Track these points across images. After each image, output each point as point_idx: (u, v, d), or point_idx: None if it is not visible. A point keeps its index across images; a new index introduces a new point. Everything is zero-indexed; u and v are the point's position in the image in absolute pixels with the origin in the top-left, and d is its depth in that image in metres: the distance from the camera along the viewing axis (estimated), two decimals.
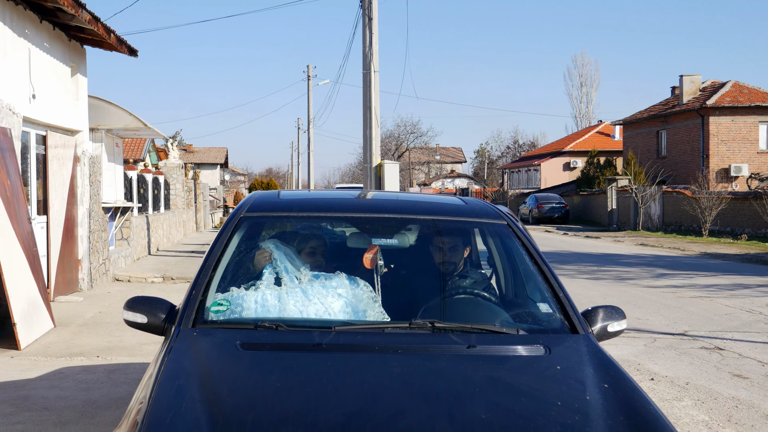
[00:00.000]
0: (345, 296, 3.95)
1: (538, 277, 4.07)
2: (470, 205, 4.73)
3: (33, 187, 12.11)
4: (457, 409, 2.85)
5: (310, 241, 4.47)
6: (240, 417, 2.76)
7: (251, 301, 3.86)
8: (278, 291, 3.94)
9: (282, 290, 3.95)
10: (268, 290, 3.95)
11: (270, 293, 3.92)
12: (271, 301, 3.86)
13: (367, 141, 18.23)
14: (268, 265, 4.09)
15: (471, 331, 3.62)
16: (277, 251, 4.16)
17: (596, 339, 3.72)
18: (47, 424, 6.11)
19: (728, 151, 40.15)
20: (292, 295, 3.91)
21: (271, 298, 3.89)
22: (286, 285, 3.99)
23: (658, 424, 2.87)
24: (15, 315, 8.93)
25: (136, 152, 37.45)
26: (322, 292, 3.96)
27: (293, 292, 3.94)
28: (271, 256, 4.14)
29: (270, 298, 3.89)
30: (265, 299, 3.87)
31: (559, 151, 62.50)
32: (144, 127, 16.72)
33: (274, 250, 4.17)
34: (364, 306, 3.96)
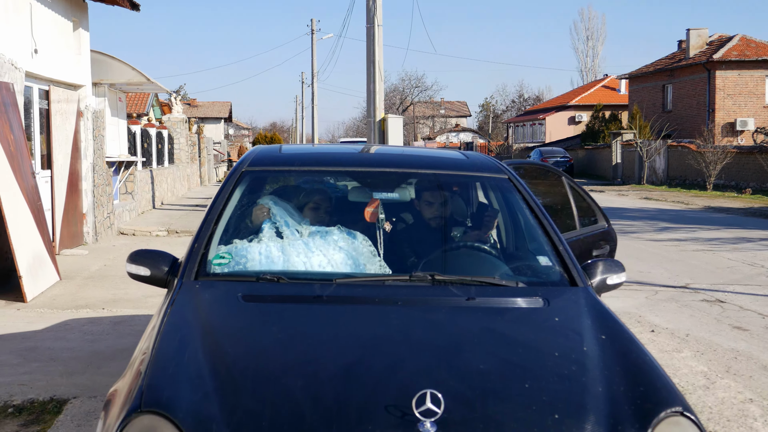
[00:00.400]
0: (345, 249, 3.98)
1: (538, 230, 4.09)
2: (471, 159, 4.74)
3: (37, 142, 12.12)
4: (456, 359, 2.89)
5: (312, 195, 4.49)
6: (242, 367, 2.81)
7: (253, 254, 3.89)
8: (279, 244, 3.97)
9: (283, 243, 3.98)
10: (270, 243, 3.98)
11: (271, 246, 3.95)
12: (272, 254, 3.90)
13: (371, 95, 18.16)
14: (267, 220, 4.12)
15: (470, 283, 3.65)
16: (275, 207, 4.19)
17: (595, 291, 3.75)
18: (54, 375, 6.20)
19: (734, 105, 39.92)
20: (293, 248, 3.94)
21: (272, 251, 3.92)
22: (287, 238, 4.03)
23: (654, 375, 2.91)
24: (21, 268, 9.00)
25: (139, 107, 37.35)
26: (323, 245, 3.99)
27: (294, 245, 3.97)
28: (269, 211, 4.16)
29: (271, 250, 3.92)
30: (267, 252, 3.91)
31: (564, 105, 62.17)
32: (147, 81, 16.67)
33: (273, 205, 4.20)
34: (365, 259, 3.99)
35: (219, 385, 2.69)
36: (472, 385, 2.70)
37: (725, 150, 31.32)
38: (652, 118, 40.91)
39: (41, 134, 12.32)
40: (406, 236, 4.46)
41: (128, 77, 16.20)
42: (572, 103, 61.38)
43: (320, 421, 2.50)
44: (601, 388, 2.77)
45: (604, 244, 6.40)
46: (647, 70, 46.69)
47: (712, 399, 5.83)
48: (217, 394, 2.64)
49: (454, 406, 2.56)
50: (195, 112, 64.64)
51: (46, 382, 6.00)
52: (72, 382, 6.01)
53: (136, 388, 2.70)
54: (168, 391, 2.66)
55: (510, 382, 2.76)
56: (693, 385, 6.17)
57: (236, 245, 3.93)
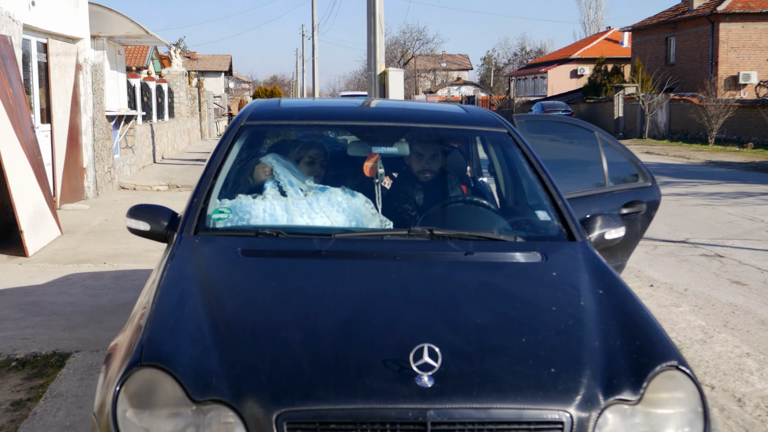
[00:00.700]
0: (347, 210, 3.98)
1: (537, 185, 4.09)
2: (471, 113, 4.72)
3: (36, 96, 12.07)
4: (453, 314, 2.91)
5: (310, 149, 4.48)
6: (241, 322, 2.83)
7: (252, 208, 3.90)
8: (279, 199, 3.97)
9: (286, 201, 3.98)
10: (269, 198, 3.98)
11: (271, 201, 3.96)
12: (272, 209, 3.90)
13: (371, 48, 18.01)
14: (270, 179, 4.12)
15: (469, 238, 3.66)
16: (278, 165, 4.18)
17: (593, 246, 3.76)
18: (56, 329, 6.24)
19: (737, 58, 39.62)
20: (293, 203, 3.95)
21: (271, 206, 3.92)
22: (288, 194, 4.02)
23: (650, 329, 2.93)
24: (22, 222, 9.02)
25: (139, 60, 37.08)
26: (326, 205, 3.99)
27: (294, 201, 3.97)
28: (272, 170, 4.16)
29: (271, 205, 3.92)
30: (266, 207, 3.91)
31: (567, 58, 61.72)
32: (146, 34, 16.56)
33: (275, 164, 4.19)
34: (363, 213, 3.99)
35: (218, 339, 2.71)
36: (470, 339, 2.72)
37: (727, 104, 31.16)
38: (655, 72, 40.64)
39: (40, 88, 12.26)
40: (404, 191, 4.46)
41: (127, 30, 16.08)
42: (574, 56, 60.92)
43: (319, 375, 2.52)
44: (598, 342, 2.78)
45: (638, 203, 6.06)
46: (650, 22, 46.26)
47: (709, 353, 5.87)
48: (216, 349, 2.66)
49: (452, 360, 2.58)
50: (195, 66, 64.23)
51: (49, 336, 6.05)
52: (74, 336, 6.06)
53: (136, 343, 2.72)
54: (168, 346, 2.68)
55: (507, 337, 2.78)
56: (690, 339, 6.22)
57: (235, 200, 3.93)
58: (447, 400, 2.45)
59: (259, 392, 2.48)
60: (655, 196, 6.19)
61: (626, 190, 6.17)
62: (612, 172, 6.18)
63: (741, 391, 5.13)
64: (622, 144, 6.41)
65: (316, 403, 2.44)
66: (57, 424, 4.43)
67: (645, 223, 6.12)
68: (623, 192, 6.14)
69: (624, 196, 6.09)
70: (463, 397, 2.47)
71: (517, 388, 2.52)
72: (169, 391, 2.54)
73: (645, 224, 6.14)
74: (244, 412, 2.46)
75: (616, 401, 2.58)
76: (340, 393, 2.46)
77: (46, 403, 4.72)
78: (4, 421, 4.50)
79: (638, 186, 6.24)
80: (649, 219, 6.13)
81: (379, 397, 2.45)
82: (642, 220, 6.07)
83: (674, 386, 2.70)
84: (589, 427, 2.51)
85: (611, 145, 6.33)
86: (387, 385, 2.49)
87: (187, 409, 2.51)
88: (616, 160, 6.31)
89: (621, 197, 6.07)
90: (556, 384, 2.56)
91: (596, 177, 6.12)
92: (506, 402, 2.49)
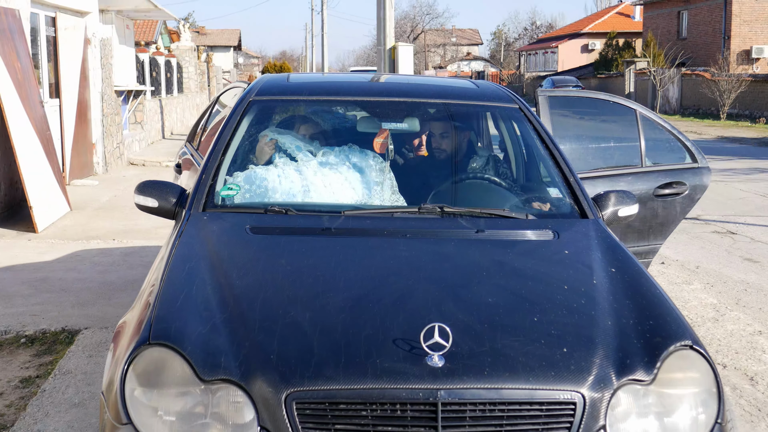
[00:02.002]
0: (355, 160, 3.98)
1: (548, 161, 4.04)
2: (482, 88, 4.67)
3: (44, 70, 12.02)
4: (464, 292, 2.87)
5: (319, 125, 4.44)
6: (250, 300, 2.79)
7: (261, 185, 3.86)
8: (290, 164, 3.94)
9: (293, 163, 3.95)
10: (280, 165, 3.95)
11: (282, 167, 3.93)
12: (280, 185, 3.87)
13: (381, 23, 17.87)
14: (275, 154, 4.09)
15: (480, 215, 3.62)
16: (280, 137, 4.16)
17: (606, 224, 3.72)
18: (65, 305, 6.24)
19: (750, 32, 39.20)
20: (304, 165, 3.92)
21: (285, 171, 3.89)
22: (301, 161, 4.00)
23: (663, 308, 2.89)
24: (31, 198, 9.01)
25: (148, 34, 36.97)
26: (332, 158, 3.98)
27: (305, 163, 3.95)
28: (275, 143, 4.13)
29: (284, 171, 3.89)
30: (280, 173, 3.88)
31: (578, 32, 61.26)
32: (154, 8, 16.46)
33: (278, 136, 4.16)
34: (374, 168, 3.98)
35: (227, 317, 2.68)
36: (481, 318, 2.68)
37: (740, 78, 30.87)
38: (667, 46, 40.27)
39: (49, 62, 12.21)
40: (415, 167, 4.42)
41: (135, 4, 15.97)
42: (585, 30, 60.46)
43: (328, 354, 2.49)
44: (611, 321, 2.75)
45: (678, 183, 5.67)
46: None
47: (721, 331, 5.83)
48: (225, 327, 2.64)
49: (462, 340, 2.55)
50: (204, 41, 63.99)
51: (58, 313, 6.05)
52: (83, 313, 6.05)
53: (144, 321, 2.70)
54: (176, 324, 2.65)
55: (519, 315, 2.74)
56: (702, 317, 6.17)
57: (244, 177, 3.90)
58: (458, 381, 2.42)
59: (268, 372, 2.45)
60: (701, 179, 5.77)
61: (666, 170, 5.76)
62: (652, 150, 5.79)
63: (753, 369, 5.09)
64: (670, 123, 5.97)
65: (325, 383, 2.42)
66: (66, 402, 4.43)
67: (687, 206, 5.73)
68: (661, 172, 5.73)
69: (661, 175, 5.70)
70: (474, 377, 2.44)
71: (529, 368, 2.49)
72: (178, 370, 2.52)
73: (686, 207, 5.74)
74: (253, 392, 2.44)
75: (629, 381, 2.55)
76: (350, 373, 2.44)
77: (55, 380, 4.72)
78: (14, 398, 4.50)
79: (682, 167, 5.82)
80: (692, 202, 5.74)
81: (389, 377, 2.42)
82: (683, 202, 5.69)
83: (688, 366, 2.66)
84: (601, 408, 2.48)
85: (656, 124, 5.90)
86: (397, 364, 2.46)
87: (195, 389, 2.49)
88: (659, 137, 5.91)
89: (657, 177, 5.69)
90: (568, 364, 2.53)
91: (631, 156, 5.78)
92: (518, 382, 2.45)
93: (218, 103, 6.53)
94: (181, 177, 6.12)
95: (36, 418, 4.22)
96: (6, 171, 9.71)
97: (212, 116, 6.39)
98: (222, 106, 6.40)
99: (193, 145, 6.33)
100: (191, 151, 6.18)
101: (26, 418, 4.22)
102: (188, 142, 6.62)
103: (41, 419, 4.21)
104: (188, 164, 6.02)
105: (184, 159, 6.25)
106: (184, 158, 6.27)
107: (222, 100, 6.47)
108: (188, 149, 6.36)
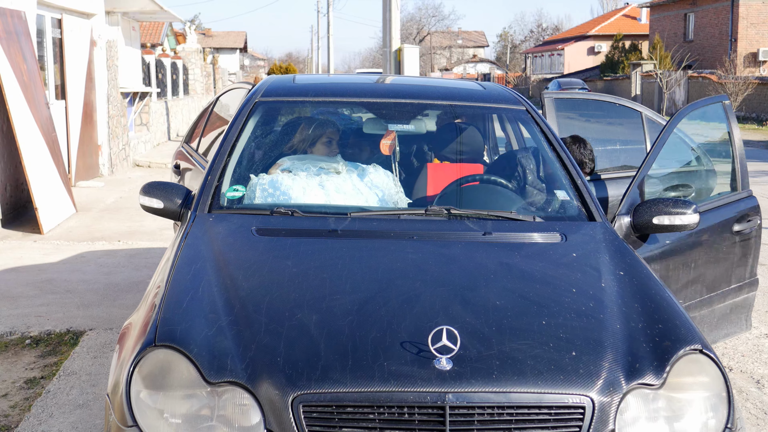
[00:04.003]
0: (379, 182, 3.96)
1: (556, 163, 4.02)
2: (489, 90, 4.64)
3: (50, 72, 12.03)
4: (472, 295, 2.85)
5: (326, 127, 4.42)
6: (256, 302, 2.78)
7: (267, 186, 3.85)
8: (296, 176, 3.92)
9: (300, 175, 3.93)
10: (285, 175, 3.93)
11: (287, 179, 3.91)
12: (287, 187, 3.84)
13: (387, 24, 17.87)
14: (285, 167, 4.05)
15: (487, 218, 3.60)
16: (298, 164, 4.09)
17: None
18: (70, 306, 6.23)
19: (757, 34, 39.12)
20: (309, 179, 3.89)
21: (287, 184, 3.87)
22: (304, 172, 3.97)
23: (673, 312, 2.87)
24: (36, 200, 9.01)
25: (154, 36, 36.99)
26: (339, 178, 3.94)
27: (311, 177, 3.92)
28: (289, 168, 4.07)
29: (286, 183, 3.87)
30: (282, 185, 3.86)
31: (584, 35, 61.23)
32: (160, 10, 16.47)
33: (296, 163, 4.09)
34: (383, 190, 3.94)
35: (233, 319, 2.66)
36: (488, 321, 2.66)
37: (746, 81, 30.82)
38: (673, 48, 40.20)
39: (55, 64, 12.22)
40: (421, 169, 4.40)
41: (141, 5, 15.99)
42: (592, 32, 60.43)
43: (335, 357, 2.47)
44: (620, 325, 2.73)
45: (684, 187, 5.28)
46: None
47: None
48: (231, 329, 2.62)
49: (470, 343, 2.53)
50: (210, 42, 64.06)
51: (63, 314, 6.04)
52: (88, 314, 6.05)
53: (150, 323, 2.68)
54: (182, 326, 2.63)
55: (526, 319, 2.72)
56: None
57: (251, 178, 3.88)
58: (466, 384, 2.40)
59: (274, 374, 2.43)
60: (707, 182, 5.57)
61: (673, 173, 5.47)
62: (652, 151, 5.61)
63: (759, 372, 5.06)
64: None
65: (332, 386, 2.40)
66: (70, 403, 4.42)
67: None
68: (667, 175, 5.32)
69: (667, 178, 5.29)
70: (482, 380, 2.42)
71: (538, 372, 2.47)
72: (184, 372, 2.51)
73: None
74: (259, 395, 2.42)
75: (639, 385, 2.52)
76: (357, 376, 2.42)
77: (59, 381, 4.71)
78: (18, 399, 4.50)
79: (689, 170, 5.64)
80: None
81: (396, 380, 2.40)
82: None
83: (698, 370, 2.64)
84: (611, 412, 2.46)
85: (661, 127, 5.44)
86: (405, 367, 2.44)
87: (201, 391, 2.48)
88: None
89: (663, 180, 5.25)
90: (577, 367, 2.50)
91: (636, 159, 5.54)
92: (526, 386, 2.43)
93: (218, 104, 6.51)
94: (181, 178, 6.12)
95: (40, 419, 4.21)
96: (12, 172, 9.71)
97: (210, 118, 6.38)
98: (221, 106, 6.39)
99: (191, 146, 6.31)
100: (189, 152, 6.16)
101: (30, 419, 4.21)
102: (186, 143, 6.61)
103: (45, 420, 4.20)
104: (187, 165, 6.02)
105: (182, 159, 6.25)
106: (182, 159, 6.26)
107: (223, 101, 6.44)
108: (185, 149, 6.34)
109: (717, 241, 4.50)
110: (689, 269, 4.38)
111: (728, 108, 4.73)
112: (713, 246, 4.48)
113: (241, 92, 5.20)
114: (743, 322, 4.78)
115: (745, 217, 4.60)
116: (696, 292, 4.44)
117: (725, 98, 4.78)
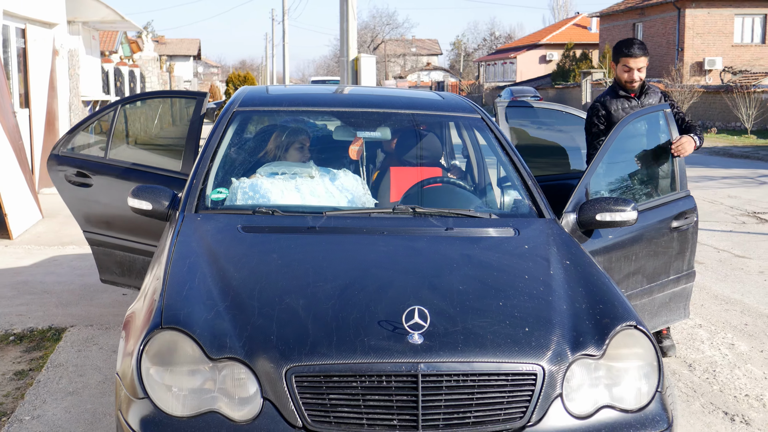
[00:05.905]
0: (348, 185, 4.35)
1: (508, 166, 4.43)
2: (447, 99, 5.06)
3: (15, 81, 12.21)
4: (438, 281, 3.25)
5: (298, 134, 4.78)
6: (248, 289, 3.14)
7: (248, 189, 4.20)
8: (274, 180, 4.29)
9: (277, 179, 4.29)
10: (264, 179, 4.29)
11: (266, 182, 4.27)
12: (266, 190, 4.21)
13: (344, 34, 18.27)
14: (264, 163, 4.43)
15: (448, 215, 4.00)
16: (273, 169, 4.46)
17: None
18: (50, 305, 6.51)
19: (703, 44, 40.22)
20: (286, 183, 4.27)
21: (266, 187, 4.23)
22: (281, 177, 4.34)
23: (611, 294, 3.30)
24: (5, 206, 9.21)
25: (109, 44, 36.87)
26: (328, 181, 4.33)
27: (288, 181, 4.29)
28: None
29: (265, 186, 4.23)
30: (261, 188, 4.22)
31: (536, 43, 62.23)
32: (121, 19, 16.68)
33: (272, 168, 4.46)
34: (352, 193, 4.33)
35: (229, 305, 3.02)
36: (453, 302, 3.06)
37: (692, 89, 31.71)
38: None
39: (19, 73, 12.40)
40: (386, 172, 4.80)
41: (102, 15, 16.20)
42: (543, 41, 61.45)
43: (322, 335, 2.85)
44: (566, 305, 3.14)
45: (629, 188, 5.21)
46: (618, 8, 46.78)
47: None
48: (228, 313, 2.98)
49: (438, 321, 2.92)
50: (163, 50, 63.86)
51: (43, 313, 6.32)
52: (68, 312, 6.33)
53: (155, 309, 3.03)
54: (184, 311, 2.99)
55: (486, 300, 3.13)
56: None
57: (232, 181, 4.24)
58: (435, 355, 2.80)
59: (269, 350, 2.80)
60: None
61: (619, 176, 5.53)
62: None
63: (692, 357, 5.54)
64: None
65: (320, 359, 2.77)
66: (61, 390, 4.73)
67: None
68: None
69: None
70: (449, 352, 2.82)
71: (496, 345, 2.87)
72: (188, 350, 2.86)
73: None
74: (256, 368, 2.79)
75: (582, 356, 2.94)
76: (342, 350, 2.80)
77: (48, 372, 5.01)
78: (10, 389, 4.79)
79: (633, 172, 5.59)
80: None
81: (375, 353, 2.79)
82: None
83: (633, 343, 3.06)
84: (558, 379, 2.87)
85: None
86: (382, 342, 2.82)
87: (204, 366, 2.84)
88: None
89: None
90: (529, 341, 2.91)
91: (579, 162, 5.93)
92: (487, 356, 2.83)
93: None
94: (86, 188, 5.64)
95: (35, 404, 4.52)
96: None
97: None
98: None
99: (90, 152, 5.95)
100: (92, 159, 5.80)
101: (26, 405, 4.51)
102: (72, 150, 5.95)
103: (39, 406, 4.51)
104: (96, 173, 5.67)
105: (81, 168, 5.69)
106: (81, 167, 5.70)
107: None
108: (83, 157, 5.89)
109: (656, 236, 4.93)
110: (630, 261, 4.80)
111: (669, 116, 5.19)
112: (653, 240, 4.91)
113: None
114: (682, 310, 5.23)
115: (683, 214, 5.04)
116: (637, 282, 4.88)
117: (666, 107, 5.24)
